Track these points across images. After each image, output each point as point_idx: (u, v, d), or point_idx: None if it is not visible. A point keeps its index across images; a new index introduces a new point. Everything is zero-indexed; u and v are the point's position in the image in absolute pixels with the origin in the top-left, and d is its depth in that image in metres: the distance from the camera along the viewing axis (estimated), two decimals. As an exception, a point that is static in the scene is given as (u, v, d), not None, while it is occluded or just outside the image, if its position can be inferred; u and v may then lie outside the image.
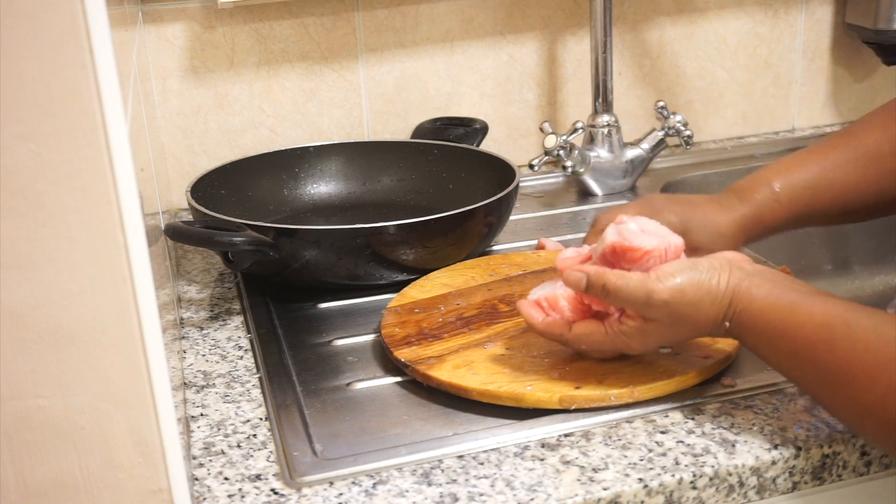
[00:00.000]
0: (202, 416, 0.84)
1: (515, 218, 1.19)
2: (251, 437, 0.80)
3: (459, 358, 0.86)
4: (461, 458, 0.76)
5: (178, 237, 0.95)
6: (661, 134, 1.27)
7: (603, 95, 1.26)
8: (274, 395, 0.86)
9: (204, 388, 0.88)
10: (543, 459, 0.75)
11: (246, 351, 0.94)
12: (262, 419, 0.83)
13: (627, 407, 0.80)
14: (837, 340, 0.70)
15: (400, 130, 1.34)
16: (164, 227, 0.95)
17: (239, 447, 0.79)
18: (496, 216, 1.06)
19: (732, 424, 0.78)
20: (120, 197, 0.57)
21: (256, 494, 0.73)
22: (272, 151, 1.22)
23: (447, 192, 1.19)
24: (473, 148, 1.21)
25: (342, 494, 0.72)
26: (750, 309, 0.74)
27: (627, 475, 0.73)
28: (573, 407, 0.80)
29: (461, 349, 0.87)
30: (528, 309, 0.83)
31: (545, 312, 0.83)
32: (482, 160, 1.18)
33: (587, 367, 0.83)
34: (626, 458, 0.75)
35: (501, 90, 1.37)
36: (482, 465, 0.75)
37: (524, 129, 1.39)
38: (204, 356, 0.93)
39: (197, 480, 0.75)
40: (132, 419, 0.61)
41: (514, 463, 0.75)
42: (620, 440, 0.77)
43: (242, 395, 0.87)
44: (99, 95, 0.55)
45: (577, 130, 1.25)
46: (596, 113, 1.27)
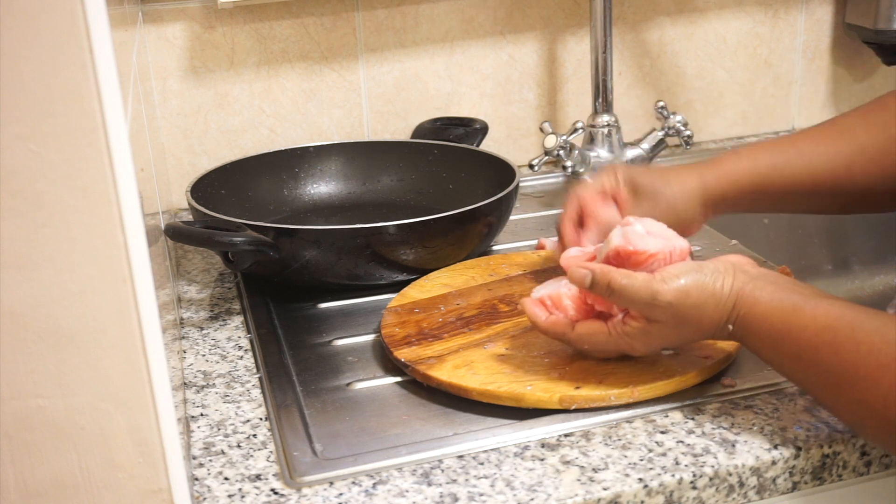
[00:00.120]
0: (202, 416, 0.84)
1: (515, 218, 1.19)
2: (251, 437, 0.80)
3: (459, 358, 0.86)
4: (461, 458, 0.76)
5: (178, 237, 0.95)
6: (661, 134, 1.27)
7: (603, 95, 1.26)
8: (274, 395, 0.86)
9: (204, 388, 0.88)
10: (543, 459, 0.75)
11: (246, 351, 0.94)
12: (262, 419, 0.83)
13: (627, 407, 0.80)
14: (841, 343, 0.70)
15: (400, 130, 1.34)
16: (164, 227, 0.95)
17: (239, 447, 0.79)
18: (496, 216, 1.06)
19: (732, 424, 0.78)
20: (120, 197, 0.57)
21: (256, 494, 0.73)
22: (272, 151, 1.22)
23: (447, 192, 1.19)
24: (473, 148, 1.21)
25: (342, 494, 0.72)
26: (753, 312, 0.74)
27: (627, 475, 0.73)
28: (573, 407, 0.80)
29: (461, 349, 0.87)
30: (531, 307, 0.83)
31: (548, 311, 0.83)
32: (482, 160, 1.18)
33: (587, 367, 0.83)
34: (626, 458, 0.75)
35: (501, 90, 1.37)
36: (482, 465, 0.75)
37: (524, 129, 1.39)
38: (204, 356, 0.93)
39: (197, 480, 0.75)
40: (132, 419, 0.61)
41: (514, 463, 0.75)
42: (620, 440, 0.77)
43: (242, 395, 0.87)
44: (99, 95, 0.55)
45: (577, 130, 1.25)
46: (596, 113, 1.27)
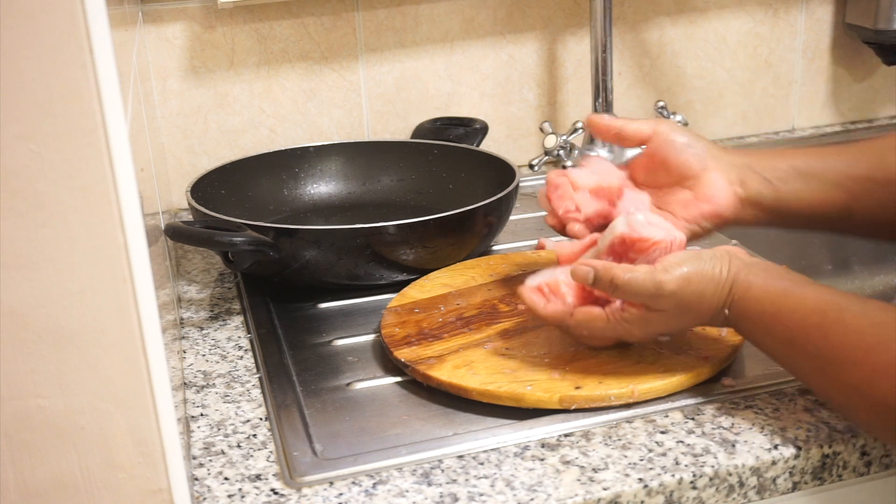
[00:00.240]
0: (202, 416, 0.83)
1: (515, 218, 1.19)
2: (251, 437, 0.80)
3: (459, 358, 0.86)
4: (461, 458, 0.76)
5: (178, 237, 0.95)
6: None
7: (603, 95, 1.26)
8: (274, 395, 0.86)
9: (204, 388, 0.88)
10: (543, 459, 0.75)
11: (246, 351, 0.94)
12: (262, 419, 0.83)
13: (627, 407, 0.80)
14: (829, 325, 0.71)
15: (400, 130, 1.34)
16: (164, 227, 0.95)
17: (239, 447, 0.79)
18: (496, 216, 1.06)
19: (732, 424, 0.78)
20: (120, 197, 0.57)
21: (256, 494, 0.73)
22: (272, 151, 1.22)
23: (447, 192, 1.19)
24: (473, 148, 1.21)
25: (342, 494, 0.72)
26: (747, 296, 0.76)
27: (627, 475, 0.73)
28: (573, 407, 0.80)
29: (461, 349, 0.87)
30: (529, 294, 0.83)
31: (546, 298, 0.83)
32: (482, 160, 1.18)
33: (587, 367, 0.83)
34: (626, 458, 0.75)
35: (501, 90, 1.37)
36: (482, 465, 0.75)
37: (524, 129, 1.39)
38: (204, 356, 0.93)
39: (197, 480, 0.75)
40: (132, 419, 0.61)
41: (514, 463, 0.75)
42: (620, 440, 0.77)
43: (242, 395, 0.87)
44: (99, 95, 0.55)
45: (577, 130, 1.25)
46: (596, 113, 1.27)
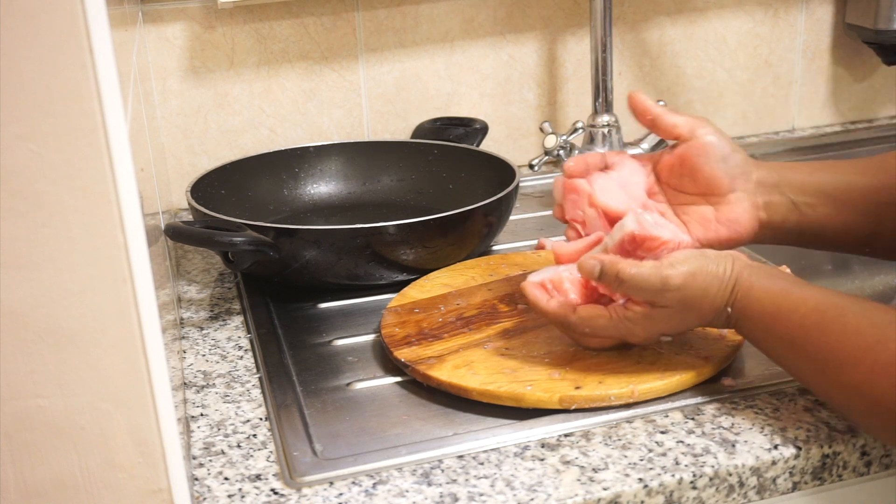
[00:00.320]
0: (202, 416, 0.83)
1: (515, 218, 1.19)
2: (251, 437, 0.80)
3: (459, 358, 0.86)
4: (461, 458, 0.76)
5: (178, 237, 0.95)
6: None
7: (603, 95, 1.26)
8: (274, 395, 0.86)
9: (204, 388, 0.88)
10: (543, 459, 0.75)
11: (246, 351, 0.94)
12: (262, 419, 0.83)
13: (627, 407, 0.80)
14: (828, 324, 0.72)
15: (400, 130, 1.34)
16: (164, 227, 0.95)
17: (239, 447, 0.79)
18: (496, 216, 1.06)
19: (732, 424, 0.78)
20: (120, 197, 0.57)
21: (256, 494, 0.73)
22: (272, 151, 1.22)
23: (447, 192, 1.19)
24: (473, 148, 1.21)
25: (342, 494, 0.72)
26: (749, 295, 0.77)
27: (627, 475, 0.73)
28: (573, 407, 0.80)
29: (461, 349, 0.87)
30: (532, 290, 0.83)
31: (549, 294, 0.83)
32: (482, 160, 1.18)
33: (587, 367, 0.83)
34: (626, 458, 0.75)
35: (501, 90, 1.37)
36: (482, 465, 0.75)
37: (524, 129, 1.39)
38: (204, 356, 0.93)
39: (197, 480, 0.75)
40: (132, 419, 0.61)
41: (514, 463, 0.75)
42: (620, 440, 0.77)
43: (242, 395, 0.87)
44: (99, 95, 0.55)
45: (577, 130, 1.25)
46: (596, 113, 1.27)
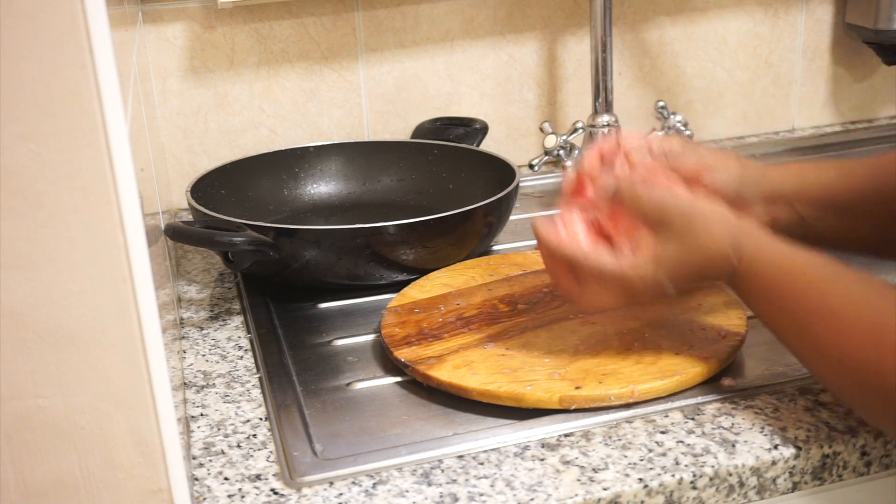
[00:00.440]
0: (202, 416, 0.83)
1: (515, 218, 1.19)
2: (251, 437, 0.80)
3: (459, 358, 0.86)
4: (461, 458, 0.76)
5: (178, 237, 0.95)
6: (660, 134, 1.27)
7: (603, 95, 1.26)
8: (274, 395, 0.86)
9: (204, 388, 0.88)
10: (543, 459, 0.75)
11: (246, 351, 0.94)
12: (262, 419, 0.83)
13: (627, 407, 0.80)
14: (833, 293, 0.75)
15: (400, 130, 1.34)
16: (164, 227, 0.95)
17: (239, 447, 0.79)
18: (496, 216, 1.06)
19: (732, 424, 0.78)
20: (120, 197, 0.57)
21: (256, 494, 0.73)
22: (272, 151, 1.22)
23: (447, 192, 1.19)
24: (473, 148, 1.21)
25: (342, 494, 0.72)
26: (761, 248, 0.77)
27: (627, 475, 0.73)
28: (573, 407, 0.80)
29: (461, 349, 0.87)
30: (544, 223, 0.82)
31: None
32: (482, 160, 1.18)
33: (587, 367, 0.83)
34: (626, 458, 0.75)
35: (501, 90, 1.37)
36: (482, 465, 0.75)
37: (524, 129, 1.39)
38: (204, 356, 0.93)
39: (197, 480, 0.75)
40: (132, 419, 0.61)
41: (514, 463, 0.75)
42: (620, 440, 0.77)
43: (242, 395, 0.87)
44: (99, 95, 0.55)
45: (577, 130, 1.25)
46: (596, 113, 1.27)
